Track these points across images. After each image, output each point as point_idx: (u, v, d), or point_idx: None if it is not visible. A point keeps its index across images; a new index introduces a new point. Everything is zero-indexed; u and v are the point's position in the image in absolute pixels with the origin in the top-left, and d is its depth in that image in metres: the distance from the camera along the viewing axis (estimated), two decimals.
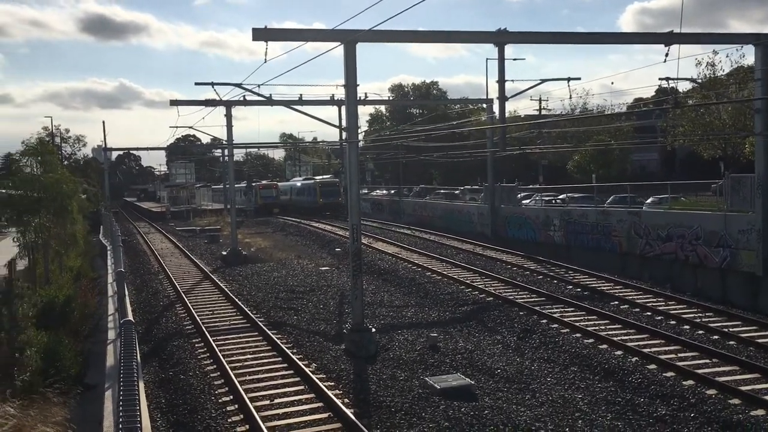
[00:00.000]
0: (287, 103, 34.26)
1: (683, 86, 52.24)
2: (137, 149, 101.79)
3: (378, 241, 36.59)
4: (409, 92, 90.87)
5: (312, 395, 13.44)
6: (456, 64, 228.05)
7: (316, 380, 13.94)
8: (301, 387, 13.98)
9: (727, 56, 47.94)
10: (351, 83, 16.92)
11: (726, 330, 17.58)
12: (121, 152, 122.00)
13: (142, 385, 10.02)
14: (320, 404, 12.93)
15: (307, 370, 14.74)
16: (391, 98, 73.24)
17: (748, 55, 44.43)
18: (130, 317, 14.74)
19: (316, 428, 11.86)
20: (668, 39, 19.58)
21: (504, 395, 13.40)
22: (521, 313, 19.98)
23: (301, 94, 33.96)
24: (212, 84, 29.70)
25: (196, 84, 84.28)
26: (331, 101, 36.73)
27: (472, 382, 13.90)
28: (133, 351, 6.96)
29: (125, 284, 19.66)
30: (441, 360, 15.77)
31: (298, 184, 66.45)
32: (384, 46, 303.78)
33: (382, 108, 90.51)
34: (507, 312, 20.18)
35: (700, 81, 43.54)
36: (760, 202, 20.85)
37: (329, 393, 13.13)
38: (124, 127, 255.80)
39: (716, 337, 17.18)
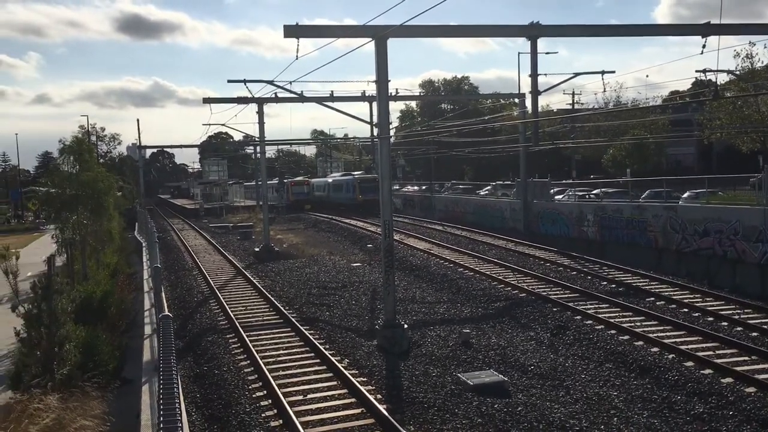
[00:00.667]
0: (318, 100, 34.42)
1: (721, 78, 51.18)
2: (171, 147, 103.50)
3: (410, 237, 36.55)
4: (440, 87, 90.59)
5: (344, 391, 13.48)
6: (487, 59, 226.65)
7: (349, 376, 13.98)
8: (334, 383, 14.03)
9: (765, 47, 46.80)
10: (382, 79, 16.90)
11: (765, 327, 17.19)
12: (155, 150, 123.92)
13: (179, 379, 10.14)
14: (353, 400, 12.96)
15: (339, 365, 14.79)
16: (422, 94, 73.11)
17: None
18: (167, 312, 14.93)
19: (349, 423, 11.90)
20: (705, 30, 19.20)
21: (537, 392, 13.29)
22: (555, 309, 19.80)
23: (332, 91, 34.15)
24: (244, 81, 29.95)
25: (229, 81, 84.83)
26: (363, 97, 36.82)
27: (506, 379, 13.81)
28: (171, 345, 7.04)
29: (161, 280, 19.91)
30: (474, 356, 15.70)
31: (334, 179, 64.35)
32: (415, 42, 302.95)
33: (413, 104, 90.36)
34: (540, 308, 20.01)
35: (738, 73, 42.62)
36: None
37: (362, 388, 13.16)
38: (158, 125, 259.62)
39: (755, 334, 16.82)
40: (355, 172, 65.07)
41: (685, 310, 19.40)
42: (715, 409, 12.24)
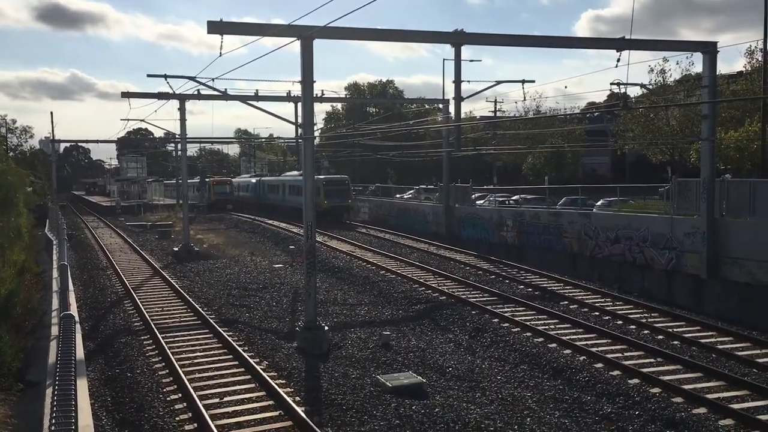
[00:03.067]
0: (243, 99, 33.83)
1: (634, 91, 53.41)
2: (86, 141, 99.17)
3: (332, 239, 36.47)
4: (365, 91, 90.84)
5: (263, 393, 13.31)
6: (415, 64, 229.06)
7: (267, 378, 13.81)
8: (252, 385, 13.83)
9: (677, 63, 49.18)
10: (308, 80, 16.81)
11: (670, 330, 18.04)
12: (69, 144, 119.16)
13: (84, 381, 9.75)
14: (271, 402, 12.81)
15: (258, 367, 14.59)
16: (347, 96, 73.14)
17: (696, 63, 45.77)
18: (73, 311, 14.38)
19: (267, 426, 11.75)
20: (620, 45, 19.99)
21: (455, 393, 13.49)
22: (473, 312, 20.15)
23: (257, 90, 33.61)
24: (165, 76, 29.12)
25: (149, 76, 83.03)
26: (288, 98, 36.46)
27: (424, 381, 13.95)
28: (72, 346, 6.74)
29: (70, 279, 19.17)
30: (393, 358, 15.79)
31: (290, 179, 53.46)
32: (344, 45, 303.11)
33: (339, 106, 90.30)
34: (459, 311, 20.33)
35: (650, 87, 44.59)
36: (705, 206, 21.44)
37: (280, 391, 13.02)
38: (74, 119, 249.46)
39: (661, 337, 17.62)
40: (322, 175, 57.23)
41: (597, 313, 20.12)
42: (622, 409, 12.73)
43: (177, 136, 39.54)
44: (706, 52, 21.43)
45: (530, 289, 23.51)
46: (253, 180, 64.86)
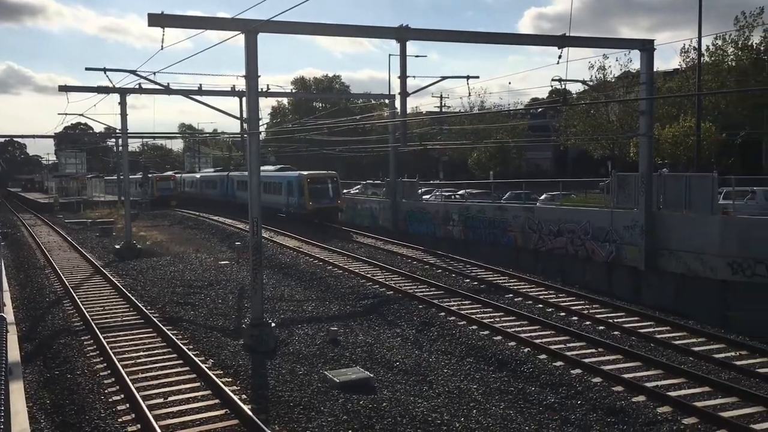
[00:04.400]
0: (186, 93, 33.25)
1: (576, 88, 54.58)
2: (22, 137, 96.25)
3: (279, 235, 36.17)
4: (311, 86, 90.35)
5: (208, 392, 13.13)
6: (363, 59, 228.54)
7: (213, 376, 13.63)
8: (197, 384, 13.63)
9: (616, 60, 50.51)
10: (252, 74, 16.62)
11: (611, 321, 18.53)
12: (4, 139, 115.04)
13: (20, 384, 9.45)
14: (217, 401, 12.64)
15: (203, 366, 14.38)
16: (293, 91, 72.59)
17: (635, 60, 47.06)
18: (8, 312, 13.91)
19: (212, 425, 11.60)
20: (561, 42, 20.38)
21: (402, 387, 13.57)
22: (420, 306, 20.30)
23: (201, 84, 33.11)
24: (104, 70, 28.38)
25: (87, 69, 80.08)
26: (233, 92, 36.01)
27: (372, 375, 13.99)
28: (4, 348, 6.50)
29: (5, 278, 18.54)
30: (341, 354, 15.79)
31: (266, 175, 42.59)
32: (291, 39, 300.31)
33: (285, 101, 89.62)
34: (407, 305, 20.44)
35: (591, 83, 45.58)
36: (643, 200, 22.08)
37: (226, 389, 12.87)
38: (10, 113, 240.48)
39: (602, 327, 18.08)
40: (304, 172, 45.13)
41: (540, 305, 20.52)
42: (565, 399, 13.02)
43: (118, 131, 38.57)
44: (643, 49, 22.03)
45: (476, 283, 23.80)
46: (214, 175, 59.00)
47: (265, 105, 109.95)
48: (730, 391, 13.17)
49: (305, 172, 40.77)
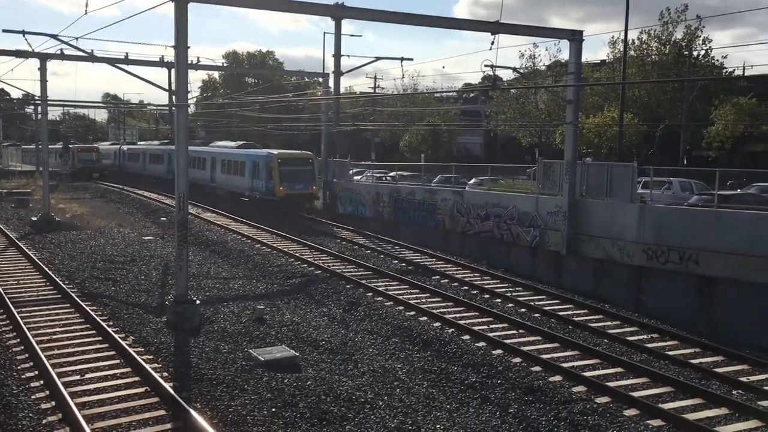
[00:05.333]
0: (111, 61, 32.14)
1: (507, 75, 55.40)
2: None
3: (207, 212, 35.51)
4: (244, 60, 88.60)
5: (128, 369, 12.84)
6: (299, 37, 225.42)
7: (133, 353, 13.33)
8: (117, 361, 13.31)
9: (546, 50, 51.67)
10: (182, 45, 16.16)
11: (532, 303, 19.07)
12: None
13: None
14: (137, 378, 12.39)
15: (123, 343, 14.05)
16: (225, 65, 71.02)
17: (564, 50, 48.19)
18: None
19: (131, 403, 11.37)
20: (494, 28, 20.64)
21: (327, 366, 13.62)
22: (348, 286, 20.37)
23: (127, 53, 32.03)
24: (23, 33, 27.04)
25: (5, 31, 76.24)
26: (161, 63, 34.97)
27: (297, 354, 13.97)
28: None
29: None
30: (266, 332, 15.69)
31: (225, 151, 40.34)
32: (226, 11, 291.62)
33: (216, 75, 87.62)
34: (334, 285, 20.47)
35: (521, 71, 46.43)
36: (567, 186, 22.70)
37: (147, 366, 12.61)
38: None
39: (524, 310, 18.59)
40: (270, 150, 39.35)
41: (466, 287, 20.91)
42: (486, 378, 13.35)
43: (37, 98, 36.88)
44: (572, 40, 22.54)
45: (404, 264, 24.03)
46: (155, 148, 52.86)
47: (196, 78, 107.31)
48: (641, 372, 13.79)
49: (275, 151, 35.90)
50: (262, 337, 15.34)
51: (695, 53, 45.44)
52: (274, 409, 11.24)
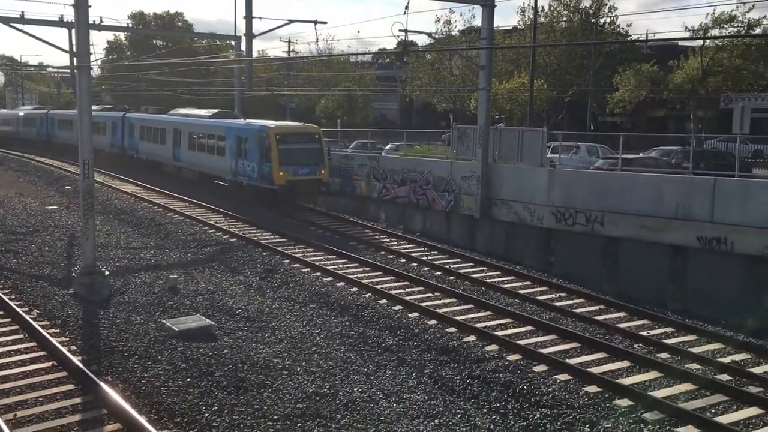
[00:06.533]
0: (5, 20, 30.20)
1: (422, 40, 55.54)
2: None
3: (115, 180, 34.20)
4: (151, 21, 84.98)
5: (33, 344, 12.32)
6: None
7: (38, 327, 12.79)
8: (20, 336, 12.75)
9: (461, 15, 52.06)
10: (81, 3, 15.31)
11: (447, 267, 19.46)
12: None
13: None
14: (42, 353, 11.91)
15: (27, 317, 13.45)
16: (130, 26, 67.96)
17: (477, 17, 48.66)
18: None
19: (37, 378, 10.93)
20: None
21: (244, 334, 13.50)
22: (264, 253, 20.17)
23: (23, 12, 30.15)
24: None
25: None
26: (60, 23, 33.15)
27: (212, 323, 13.78)
28: None
29: None
30: (181, 302, 15.37)
31: (203, 121, 32.06)
32: None
33: (123, 36, 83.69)
34: (250, 252, 20.23)
35: (436, 36, 46.65)
36: (480, 152, 23.12)
37: (53, 340, 12.14)
38: None
39: (439, 273, 18.95)
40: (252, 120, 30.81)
41: (383, 252, 21.09)
42: (403, 341, 13.58)
43: None
44: (485, 5, 22.74)
45: (321, 231, 23.98)
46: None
47: (100, 40, 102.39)
48: (550, 330, 14.36)
49: (271, 123, 27.98)
50: (176, 307, 15.02)
51: (602, 21, 46.86)
52: (189, 379, 11.07)
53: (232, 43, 45.14)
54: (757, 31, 37.50)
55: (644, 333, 14.56)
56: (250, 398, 10.53)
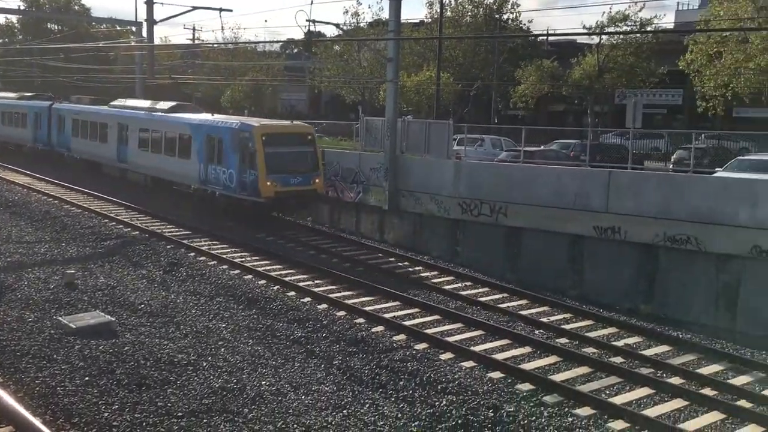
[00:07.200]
0: None
1: (330, 31, 55.28)
2: None
3: (6, 170, 32.35)
4: (45, 4, 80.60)
5: None
6: None
7: None
8: None
9: (369, 7, 52.23)
10: None
11: (357, 258, 19.56)
12: None
13: None
14: None
15: None
16: (22, 8, 64.31)
17: (386, 9, 48.98)
18: None
19: None
20: None
21: (147, 330, 13.10)
22: (169, 246, 19.63)
23: None
24: None
25: None
26: None
27: (113, 319, 13.28)
28: None
29: None
30: (79, 298, 14.73)
31: (165, 117, 26.67)
32: None
33: (14, 19, 78.94)
34: (154, 246, 19.63)
35: (345, 28, 46.62)
36: (388, 143, 23.27)
37: None
38: None
39: (348, 264, 19.01)
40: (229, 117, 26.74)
41: (291, 244, 20.98)
42: (311, 333, 13.54)
43: None
44: None
45: (229, 224, 23.51)
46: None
47: None
48: (456, 319, 14.69)
49: (254, 121, 23.38)
50: (74, 303, 14.39)
51: (505, 17, 48.13)
52: (87, 378, 10.64)
53: (133, 29, 43.48)
54: (649, 29, 39.58)
55: (544, 319, 15.13)
56: (153, 396, 10.24)
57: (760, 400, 11.29)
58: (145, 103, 30.01)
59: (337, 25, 29.61)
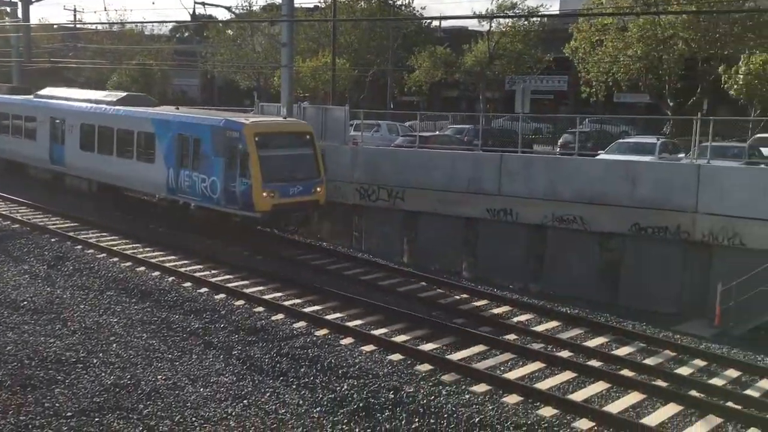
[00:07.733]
0: None
1: (223, 14, 53.87)
2: None
3: None
4: None
5: None
6: None
7: None
8: None
9: None
10: None
11: (254, 246, 19.20)
12: None
13: None
14: None
15: None
16: None
17: None
18: None
19: None
20: None
21: (31, 328, 12.45)
22: (53, 239, 18.67)
23: None
24: None
25: None
26: None
27: None
28: None
29: None
30: None
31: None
32: None
33: None
34: (36, 239, 18.64)
35: (236, 11, 45.61)
36: None
37: None
38: None
39: (247, 253, 18.66)
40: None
41: (186, 234, 20.35)
42: (209, 324, 13.27)
43: None
44: None
45: (119, 213, 22.56)
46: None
47: None
48: (355, 303, 14.77)
49: (245, 118, 19.33)
50: None
51: (398, 2, 48.50)
52: None
53: (8, 9, 40.72)
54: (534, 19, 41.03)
55: (442, 301, 15.49)
56: (39, 396, 9.76)
57: (641, 369, 12.04)
58: (85, 94, 26.04)
59: (228, 8, 28.90)
